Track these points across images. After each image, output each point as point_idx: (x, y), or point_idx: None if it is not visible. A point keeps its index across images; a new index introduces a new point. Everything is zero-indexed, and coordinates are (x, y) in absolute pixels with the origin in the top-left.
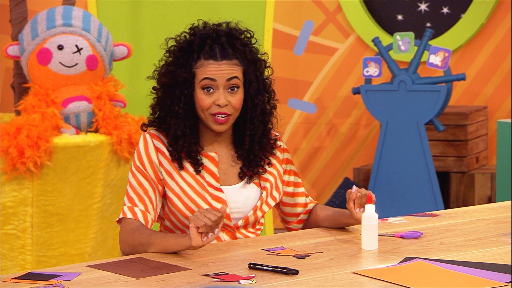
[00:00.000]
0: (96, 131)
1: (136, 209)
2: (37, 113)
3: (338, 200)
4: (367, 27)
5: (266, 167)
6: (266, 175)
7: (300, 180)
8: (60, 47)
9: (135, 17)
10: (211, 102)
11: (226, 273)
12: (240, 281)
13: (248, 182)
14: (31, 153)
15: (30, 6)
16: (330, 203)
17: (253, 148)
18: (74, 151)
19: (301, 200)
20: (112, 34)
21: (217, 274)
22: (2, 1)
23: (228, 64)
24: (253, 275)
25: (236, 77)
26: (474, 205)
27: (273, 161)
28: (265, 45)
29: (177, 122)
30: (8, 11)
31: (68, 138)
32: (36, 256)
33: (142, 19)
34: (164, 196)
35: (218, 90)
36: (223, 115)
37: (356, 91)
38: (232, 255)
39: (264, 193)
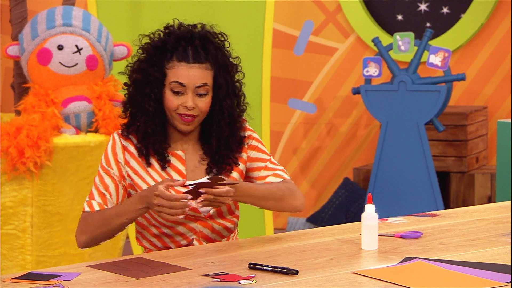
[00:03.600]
0: (96, 131)
1: (93, 202)
2: (37, 113)
3: (338, 200)
4: (367, 27)
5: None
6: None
7: (264, 156)
8: (60, 47)
9: (135, 17)
10: (179, 103)
11: (226, 273)
12: (240, 281)
13: None
14: (31, 153)
15: (30, 6)
16: (330, 203)
17: (220, 148)
18: (74, 151)
19: (256, 174)
20: (112, 34)
21: (217, 274)
22: (2, 1)
23: (198, 68)
24: (253, 275)
25: (205, 84)
26: (474, 205)
27: (240, 155)
28: (265, 45)
29: (147, 120)
30: (8, 11)
31: (68, 138)
32: (36, 256)
33: (142, 19)
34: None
35: (187, 94)
36: (189, 116)
37: (356, 91)
38: (232, 255)
39: None
